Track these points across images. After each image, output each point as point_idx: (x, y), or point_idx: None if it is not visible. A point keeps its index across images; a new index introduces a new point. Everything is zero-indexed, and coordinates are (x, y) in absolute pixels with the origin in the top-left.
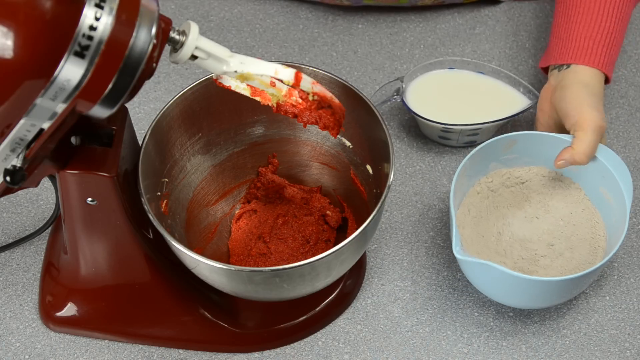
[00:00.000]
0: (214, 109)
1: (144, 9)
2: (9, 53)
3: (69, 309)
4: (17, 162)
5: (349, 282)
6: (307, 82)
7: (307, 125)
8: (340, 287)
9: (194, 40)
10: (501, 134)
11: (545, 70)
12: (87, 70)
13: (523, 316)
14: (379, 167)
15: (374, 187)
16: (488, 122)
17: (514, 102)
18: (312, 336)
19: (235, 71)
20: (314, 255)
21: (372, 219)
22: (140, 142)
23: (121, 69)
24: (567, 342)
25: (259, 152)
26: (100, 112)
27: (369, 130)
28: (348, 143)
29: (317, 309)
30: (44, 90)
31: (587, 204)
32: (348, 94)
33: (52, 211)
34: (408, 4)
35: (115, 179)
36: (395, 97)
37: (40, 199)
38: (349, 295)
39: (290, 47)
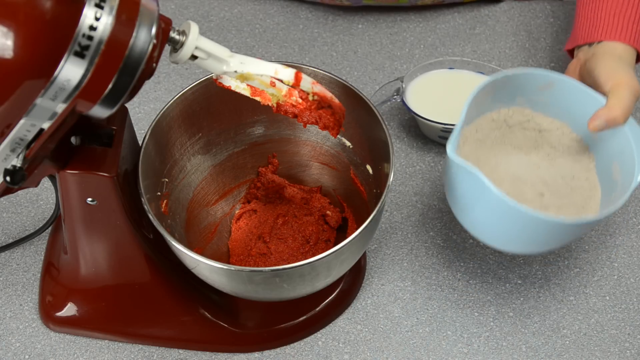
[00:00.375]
0: (214, 109)
1: (144, 9)
2: (9, 53)
3: (69, 309)
4: (17, 162)
5: (349, 282)
6: (307, 82)
7: (307, 125)
8: (340, 287)
9: (194, 40)
10: None
11: (571, 53)
12: (87, 70)
13: (523, 316)
14: (379, 167)
15: (374, 187)
16: None
17: None
18: (312, 336)
19: (235, 71)
20: (314, 255)
21: (372, 219)
22: (140, 142)
23: (121, 69)
24: (567, 342)
25: (259, 152)
26: (100, 112)
27: (369, 130)
28: (348, 143)
29: (317, 309)
30: (44, 90)
31: (592, 177)
32: (348, 94)
33: (52, 211)
34: (408, 3)
35: (115, 179)
36: (395, 97)
37: (40, 199)
38: (349, 295)
39: (290, 47)
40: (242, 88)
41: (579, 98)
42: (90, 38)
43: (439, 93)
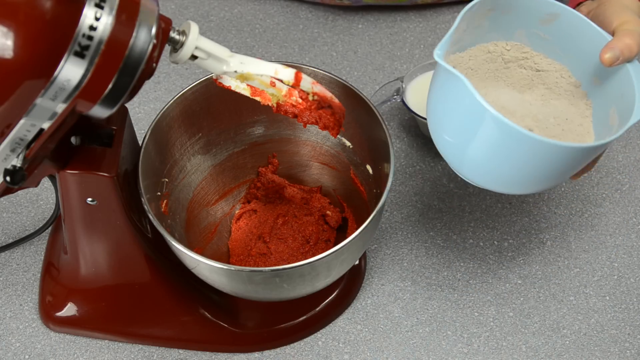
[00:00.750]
0: (214, 109)
1: (144, 8)
2: (8, 53)
3: (69, 309)
4: (17, 162)
5: (349, 282)
6: (307, 82)
7: (307, 125)
8: (340, 287)
9: (194, 40)
10: None
11: None
12: (87, 70)
13: (523, 316)
14: (379, 167)
15: (374, 187)
16: None
17: None
18: (312, 336)
19: (235, 71)
20: (314, 255)
21: (372, 219)
22: (140, 142)
23: (121, 69)
24: (567, 342)
25: (259, 152)
26: (100, 112)
27: (369, 130)
28: (348, 143)
29: (317, 309)
30: (44, 90)
31: (587, 123)
32: (348, 94)
33: (52, 211)
34: (408, 2)
35: (115, 179)
36: (395, 97)
37: (40, 199)
38: (349, 295)
39: (290, 47)
40: (242, 88)
41: (585, 34)
42: (90, 38)
43: None
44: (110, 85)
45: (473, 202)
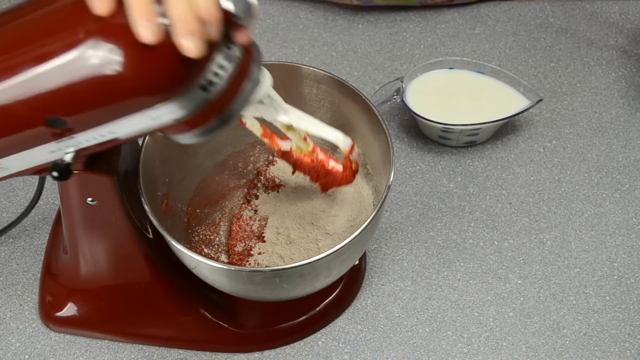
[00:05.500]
0: None
1: (256, 55)
2: (146, 71)
3: (69, 309)
4: (68, 158)
5: (349, 282)
6: (355, 153)
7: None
8: (340, 287)
9: (267, 88)
10: (501, 134)
11: None
12: (202, 103)
13: (523, 316)
14: (379, 167)
15: (374, 187)
16: (488, 122)
17: (513, 102)
18: (312, 336)
19: (291, 124)
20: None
21: (372, 219)
22: (140, 142)
23: (228, 109)
24: (567, 342)
25: (259, 152)
26: (186, 139)
27: (369, 130)
28: None
29: (317, 309)
30: (149, 107)
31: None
32: (348, 94)
33: (51, 211)
34: (417, 2)
35: (115, 179)
36: (395, 97)
37: (40, 198)
38: (349, 295)
39: (290, 47)
40: (256, 128)
41: None
42: (216, 75)
43: (439, 93)
44: (215, 121)
45: (473, 202)
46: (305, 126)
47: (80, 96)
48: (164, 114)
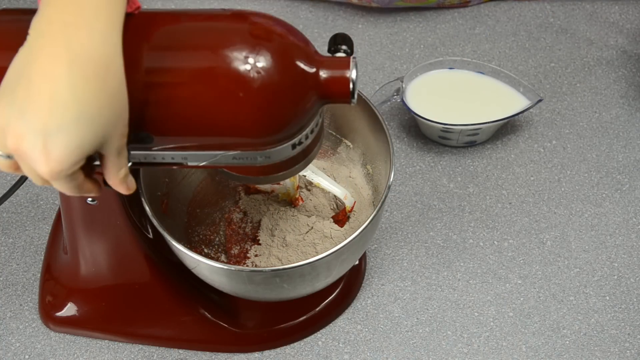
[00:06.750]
0: None
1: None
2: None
3: (69, 309)
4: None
5: (349, 282)
6: (350, 202)
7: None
8: (340, 287)
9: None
10: (501, 134)
11: None
12: (284, 158)
13: (523, 316)
14: (379, 167)
15: (374, 187)
16: (488, 122)
17: (513, 102)
18: (312, 336)
19: (305, 175)
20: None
21: (372, 219)
22: None
23: (300, 166)
24: (567, 342)
25: None
26: (243, 180)
27: (369, 130)
28: (348, 143)
29: (317, 309)
30: (241, 149)
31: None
32: None
33: (52, 211)
34: (435, 4)
35: None
36: (395, 97)
37: (40, 199)
38: (349, 295)
39: None
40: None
41: None
42: (307, 137)
43: (439, 93)
44: (282, 174)
45: (473, 202)
46: (317, 182)
47: (195, 123)
48: (249, 157)
